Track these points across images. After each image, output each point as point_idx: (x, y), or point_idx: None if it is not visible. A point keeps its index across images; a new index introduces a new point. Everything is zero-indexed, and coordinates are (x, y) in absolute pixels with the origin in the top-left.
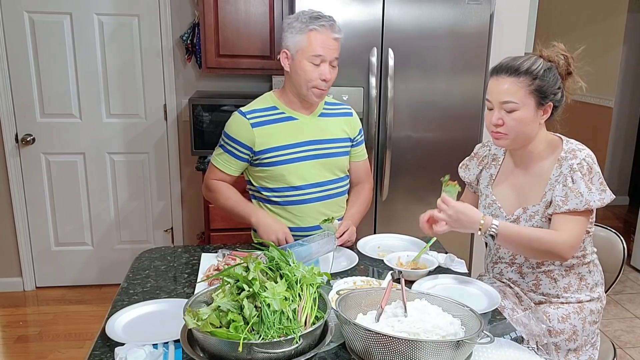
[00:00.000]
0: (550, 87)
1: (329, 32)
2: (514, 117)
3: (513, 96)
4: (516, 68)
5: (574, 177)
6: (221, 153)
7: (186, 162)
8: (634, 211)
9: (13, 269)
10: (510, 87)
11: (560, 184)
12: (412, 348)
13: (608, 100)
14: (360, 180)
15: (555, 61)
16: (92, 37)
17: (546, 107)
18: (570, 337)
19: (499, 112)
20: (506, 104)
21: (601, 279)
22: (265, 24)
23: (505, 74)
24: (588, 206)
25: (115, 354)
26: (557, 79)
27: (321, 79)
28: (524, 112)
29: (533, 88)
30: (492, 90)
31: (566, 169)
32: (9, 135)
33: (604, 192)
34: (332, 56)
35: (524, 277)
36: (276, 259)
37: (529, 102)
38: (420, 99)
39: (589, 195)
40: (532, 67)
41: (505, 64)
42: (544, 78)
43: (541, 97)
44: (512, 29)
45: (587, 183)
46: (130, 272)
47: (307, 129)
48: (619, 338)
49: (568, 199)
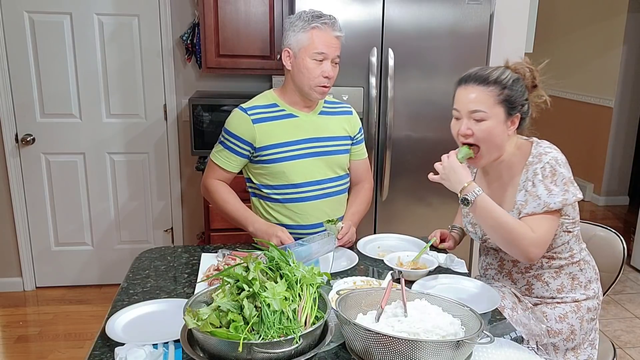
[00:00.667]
0: (518, 98)
1: (331, 30)
2: (482, 128)
3: (482, 105)
4: (485, 77)
5: (535, 180)
6: (221, 150)
7: (186, 162)
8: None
9: (13, 269)
10: (479, 96)
11: (523, 189)
12: (412, 348)
13: (608, 100)
14: (360, 179)
15: (521, 73)
16: (92, 37)
17: (514, 118)
18: (568, 336)
19: (468, 121)
20: (475, 113)
21: (594, 274)
22: (265, 24)
23: (473, 83)
24: (547, 208)
25: (115, 354)
26: (525, 91)
27: (324, 76)
28: (493, 122)
29: (502, 98)
30: (460, 99)
31: (531, 173)
32: (9, 135)
33: (567, 192)
34: (334, 54)
35: (516, 283)
36: (276, 259)
37: (498, 112)
38: (420, 98)
39: (549, 197)
40: (501, 76)
41: (474, 73)
42: (512, 88)
43: (510, 107)
44: (512, 29)
45: (547, 186)
46: (130, 272)
47: (307, 127)
48: (619, 338)
49: (527, 203)
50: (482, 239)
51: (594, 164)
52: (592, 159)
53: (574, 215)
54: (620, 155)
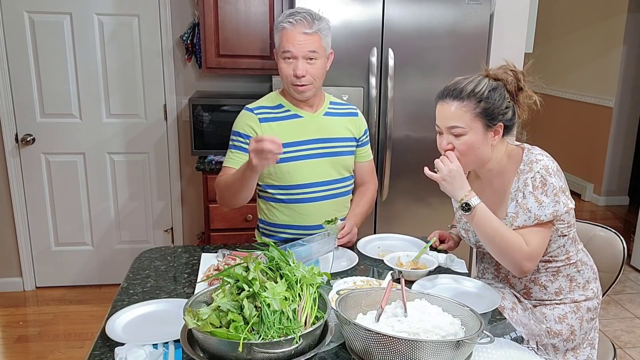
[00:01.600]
0: (496, 108)
1: (300, 28)
2: (462, 142)
3: (459, 121)
4: (460, 91)
5: (525, 192)
6: (231, 152)
7: (186, 162)
8: (634, 211)
9: (13, 269)
10: (456, 112)
11: (514, 200)
12: (412, 348)
13: (608, 100)
14: (365, 180)
15: (502, 79)
16: (92, 37)
17: (496, 128)
18: (568, 337)
19: (448, 136)
20: (453, 129)
21: (593, 274)
22: (265, 24)
23: (449, 98)
24: (538, 220)
25: (115, 354)
26: (504, 98)
27: (294, 75)
28: (472, 136)
29: (478, 111)
30: (439, 116)
31: (521, 183)
32: (9, 135)
33: (558, 204)
34: (302, 51)
35: (514, 287)
36: (276, 259)
37: (476, 126)
38: (420, 99)
39: (539, 209)
40: (476, 89)
41: (450, 87)
42: (488, 100)
43: (488, 119)
44: (512, 29)
45: (537, 197)
46: (130, 272)
47: (312, 127)
48: (619, 338)
49: (518, 216)
50: (475, 244)
51: (594, 164)
52: (592, 159)
53: (569, 219)
54: (620, 155)
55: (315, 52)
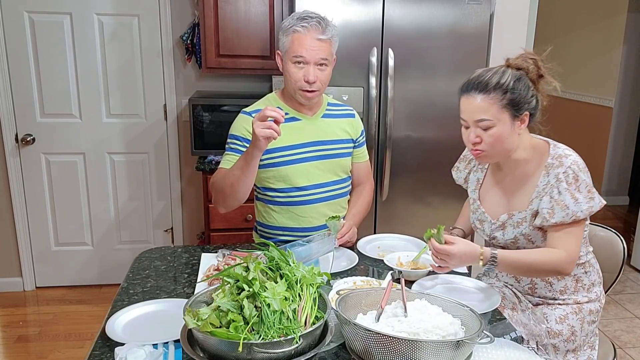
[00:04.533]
0: (522, 98)
1: (313, 33)
2: (490, 134)
3: (486, 113)
4: (485, 84)
5: (560, 188)
6: (227, 155)
7: (186, 162)
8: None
9: (13, 269)
10: (483, 105)
11: (547, 195)
12: (412, 348)
13: (608, 100)
14: (362, 181)
15: (524, 68)
16: (92, 37)
17: (522, 117)
18: (568, 337)
19: (475, 130)
20: (481, 122)
21: (598, 278)
22: (265, 24)
23: (475, 91)
24: (575, 217)
25: (115, 354)
26: (529, 87)
27: (304, 81)
28: (500, 127)
29: (505, 102)
30: (465, 109)
31: (553, 178)
32: (9, 135)
33: (592, 200)
34: (315, 57)
35: (520, 282)
36: (276, 259)
37: (504, 117)
38: (420, 99)
39: (575, 206)
40: (502, 80)
41: (474, 80)
42: (514, 90)
43: (515, 109)
44: (512, 29)
45: (573, 193)
46: (130, 272)
47: (310, 130)
48: (619, 338)
49: (554, 212)
50: (490, 235)
51: (594, 164)
52: (592, 159)
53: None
54: (620, 155)
55: (326, 60)
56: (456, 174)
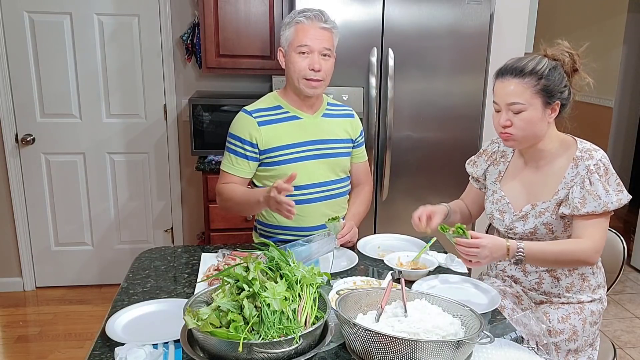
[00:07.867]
0: (556, 86)
1: (315, 22)
2: (521, 118)
3: (519, 97)
4: (521, 69)
5: (592, 178)
6: (229, 156)
7: (186, 162)
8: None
9: (13, 269)
10: (516, 88)
11: (577, 185)
12: (412, 348)
13: (608, 100)
14: (361, 181)
15: (560, 59)
16: (92, 37)
17: (554, 105)
18: (570, 337)
19: (507, 113)
20: (513, 105)
21: (604, 282)
22: (265, 24)
23: (510, 76)
24: (606, 208)
25: (115, 354)
26: (563, 77)
27: (310, 69)
28: (531, 112)
29: (539, 88)
30: (498, 93)
31: (583, 169)
32: (9, 135)
33: (621, 193)
34: (319, 46)
35: (527, 276)
36: (276, 259)
37: (536, 102)
38: (420, 99)
39: (607, 197)
40: (537, 67)
41: (510, 65)
42: (549, 77)
43: (548, 96)
44: (512, 29)
45: (604, 185)
46: (130, 272)
47: (310, 129)
48: (619, 338)
49: (586, 202)
50: (508, 226)
51: None
52: None
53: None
54: (620, 155)
55: (329, 50)
56: (472, 167)
